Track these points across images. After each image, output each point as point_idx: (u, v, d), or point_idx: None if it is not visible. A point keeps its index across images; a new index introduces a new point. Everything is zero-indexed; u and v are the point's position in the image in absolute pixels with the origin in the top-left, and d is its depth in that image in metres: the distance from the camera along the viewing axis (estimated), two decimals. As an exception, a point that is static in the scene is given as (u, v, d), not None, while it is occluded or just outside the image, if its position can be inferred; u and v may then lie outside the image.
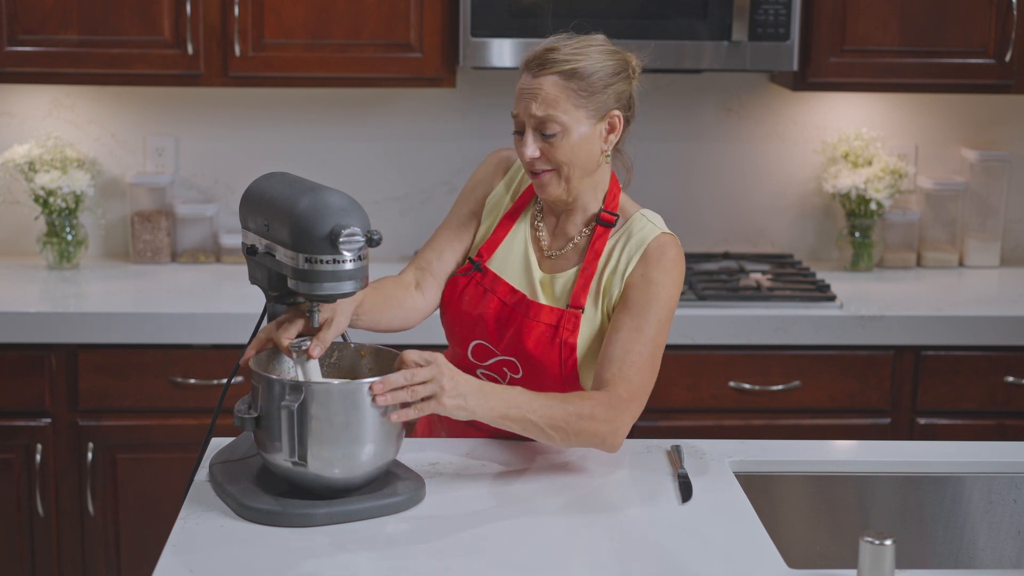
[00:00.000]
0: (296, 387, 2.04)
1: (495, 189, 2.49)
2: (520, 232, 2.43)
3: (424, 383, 2.08)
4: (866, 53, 3.66)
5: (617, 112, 2.32)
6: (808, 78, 3.67)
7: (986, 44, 3.66)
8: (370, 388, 2.05)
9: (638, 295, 2.30)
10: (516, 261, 2.41)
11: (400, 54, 3.60)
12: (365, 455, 2.07)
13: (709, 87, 3.97)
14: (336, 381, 2.10)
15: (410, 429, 2.62)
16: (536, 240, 2.43)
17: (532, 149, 2.29)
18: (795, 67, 3.59)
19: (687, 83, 3.95)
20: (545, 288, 2.39)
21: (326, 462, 2.05)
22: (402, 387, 2.07)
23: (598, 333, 2.34)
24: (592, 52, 2.30)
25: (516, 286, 2.39)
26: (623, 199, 2.41)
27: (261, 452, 2.11)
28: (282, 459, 2.06)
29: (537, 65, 2.29)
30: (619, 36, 3.57)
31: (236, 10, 3.54)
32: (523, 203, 2.45)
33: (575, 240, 2.39)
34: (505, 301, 2.38)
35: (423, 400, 2.08)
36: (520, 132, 2.31)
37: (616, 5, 3.55)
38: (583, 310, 2.34)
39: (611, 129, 2.33)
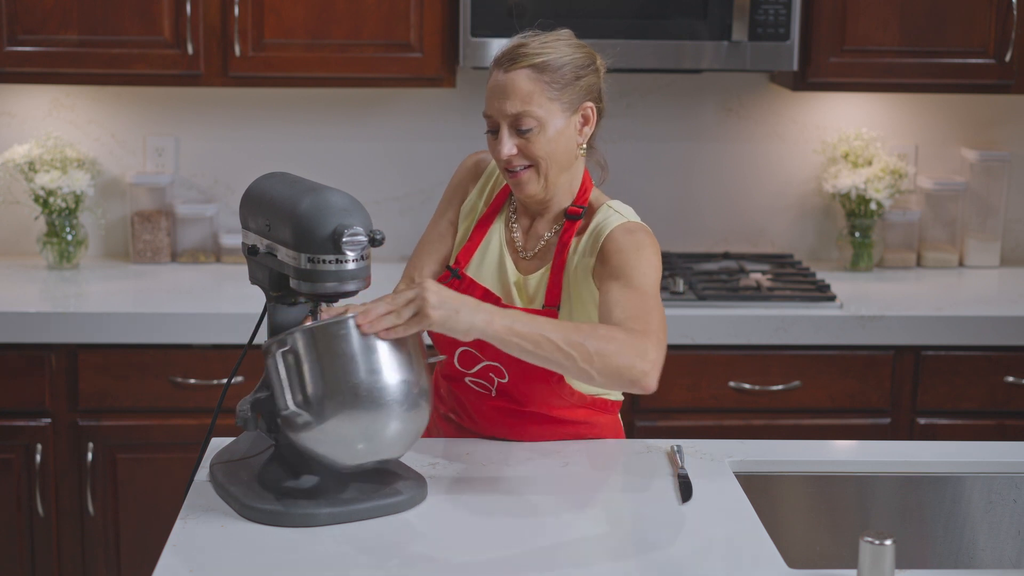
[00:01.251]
0: (282, 339, 2.00)
1: (469, 195, 2.48)
2: (495, 235, 2.42)
3: (408, 303, 2.03)
4: (866, 53, 3.66)
5: (590, 104, 2.31)
6: (808, 78, 3.67)
7: (986, 44, 3.66)
8: (355, 320, 2.01)
9: (616, 263, 2.24)
10: (491, 265, 2.40)
11: (400, 54, 3.60)
12: (367, 397, 2.00)
13: (709, 87, 3.97)
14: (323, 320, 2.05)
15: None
16: (511, 242, 2.41)
17: (509, 147, 2.28)
18: (795, 67, 3.59)
19: (687, 83, 3.95)
20: (520, 290, 2.37)
21: (332, 417, 1.99)
22: (386, 313, 2.02)
23: None
24: (560, 45, 2.30)
25: (492, 290, 2.38)
26: (594, 194, 2.39)
27: (290, 435, 2.05)
28: (294, 431, 2.01)
29: (508, 60, 2.28)
30: (619, 36, 3.58)
31: (236, 10, 3.54)
32: (497, 206, 2.44)
33: (545, 238, 2.38)
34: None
35: (411, 319, 2.02)
36: (494, 131, 2.30)
37: (616, 5, 3.55)
38: (559, 308, 2.33)
39: (585, 121, 2.32)
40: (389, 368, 2.02)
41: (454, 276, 2.40)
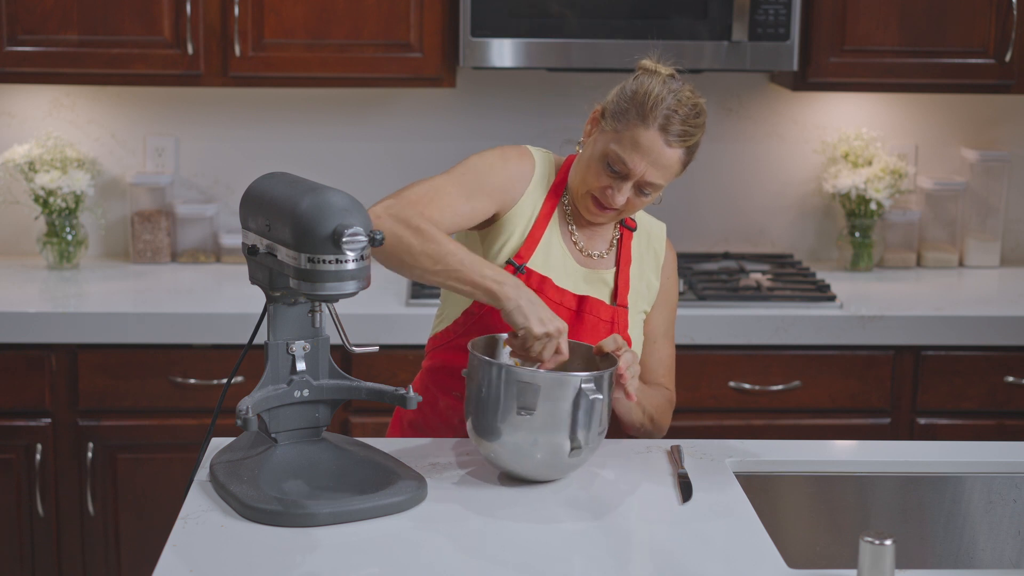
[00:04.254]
0: (588, 379, 2.15)
1: (524, 196, 2.43)
2: (554, 236, 2.43)
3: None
4: (866, 53, 3.66)
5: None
6: (808, 78, 3.67)
7: (986, 44, 3.67)
8: (617, 371, 2.21)
9: (667, 300, 2.52)
10: (556, 261, 2.42)
11: (400, 54, 3.60)
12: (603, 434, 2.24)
13: (709, 87, 3.96)
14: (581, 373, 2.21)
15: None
16: (573, 244, 2.45)
17: (623, 200, 2.34)
18: (795, 67, 3.59)
19: (687, 83, 3.95)
20: (591, 287, 2.43)
21: (592, 445, 2.20)
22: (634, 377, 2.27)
23: (638, 329, 2.46)
24: (702, 122, 2.36)
25: (563, 286, 2.41)
26: None
27: (501, 448, 2.19)
28: (559, 446, 2.16)
29: (672, 135, 2.31)
30: (619, 36, 3.57)
31: (236, 10, 3.54)
32: (551, 207, 2.45)
33: (612, 242, 2.48)
34: (555, 300, 2.39)
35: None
36: (615, 172, 2.32)
37: (616, 5, 3.55)
38: (627, 308, 2.44)
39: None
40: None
41: (519, 271, 2.40)
